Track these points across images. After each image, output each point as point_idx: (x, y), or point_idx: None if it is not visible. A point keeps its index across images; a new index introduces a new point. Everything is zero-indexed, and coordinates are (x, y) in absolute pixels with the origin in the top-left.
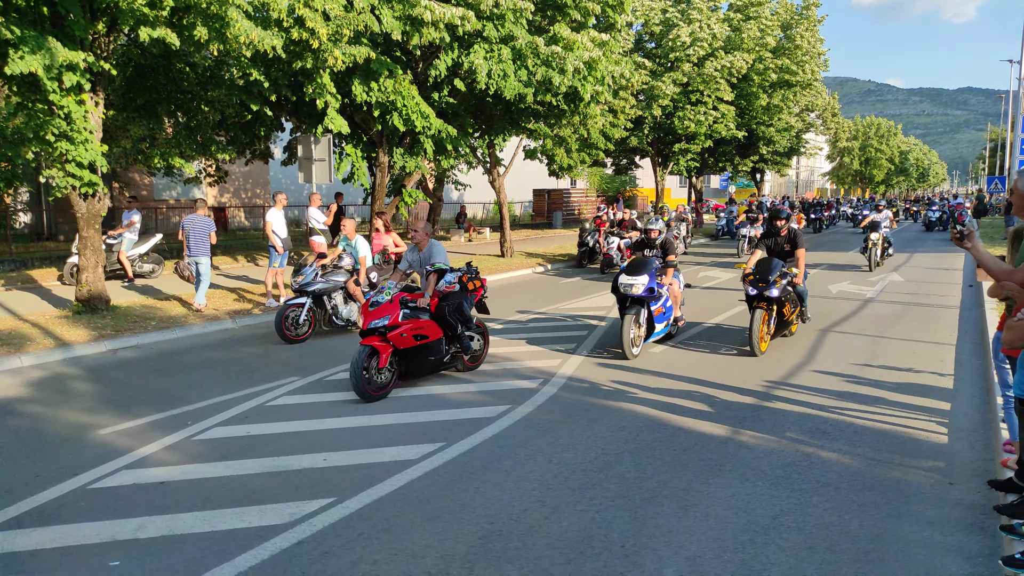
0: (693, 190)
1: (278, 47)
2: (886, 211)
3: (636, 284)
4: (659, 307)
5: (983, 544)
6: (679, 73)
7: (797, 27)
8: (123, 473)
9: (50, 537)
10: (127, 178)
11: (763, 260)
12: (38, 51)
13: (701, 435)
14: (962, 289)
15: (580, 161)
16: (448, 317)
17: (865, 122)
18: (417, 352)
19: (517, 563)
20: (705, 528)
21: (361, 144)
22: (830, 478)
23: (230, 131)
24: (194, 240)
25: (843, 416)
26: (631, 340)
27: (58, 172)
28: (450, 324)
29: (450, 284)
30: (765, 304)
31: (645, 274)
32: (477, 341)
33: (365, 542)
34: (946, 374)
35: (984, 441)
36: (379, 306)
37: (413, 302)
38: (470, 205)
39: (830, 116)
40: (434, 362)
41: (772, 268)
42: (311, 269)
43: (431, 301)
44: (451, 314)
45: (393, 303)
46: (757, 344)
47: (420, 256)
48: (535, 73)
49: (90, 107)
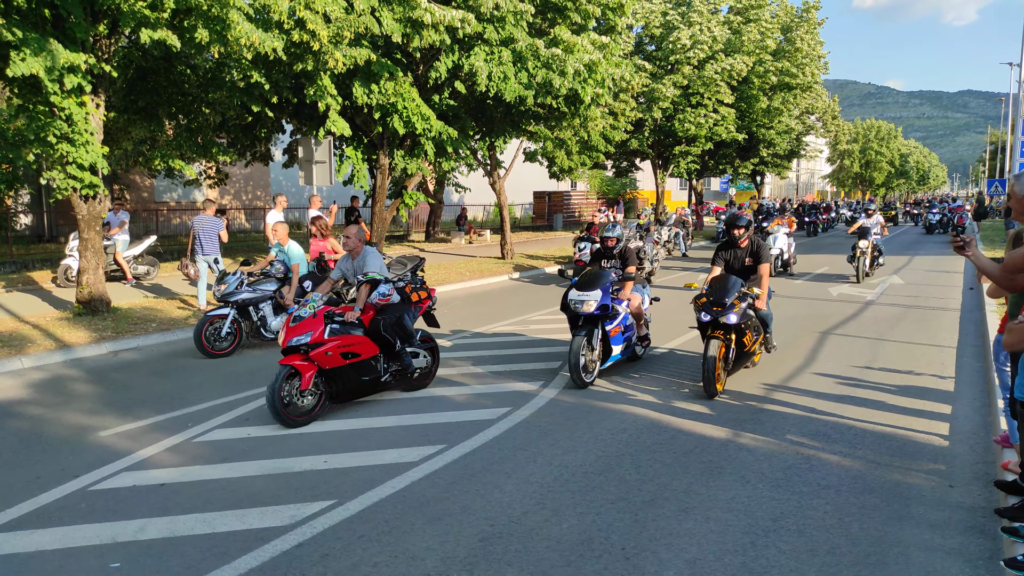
0: (693, 192)
1: (279, 49)
2: (877, 216)
3: (587, 301)
4: (616, 327)
5: (984, 546)
6: (679, 76)
7: (797, 30)
8: (124, 475)
9: (50, 539)
10: (128, 180)
11: (718, 278)
12: (40, 53)
13: (702, 437)
14: (963, 292)
15: (580, 163)
16: (383, 332)
17: (865, 125)
18: (347, 372)
19: (517, 565)
20: (706, 531)
21: (362, 146)
22: (831, 481)
23: (231, 133)
24: (204, 240)
25: (844, 419)
26: (582, 365)
27: (59, 174)
28: (386, 340)
29: (384, 296)
30: (722, 332)
31: (598, 289)
32: (423, 358)
33: (366, 544)
34: (947, 377)
35: (985, 444)
36: (301, 321)
37: (341, 316)
38: (471, 207)
39: (830, 119)
40: (369, 382)
41: (729, 288)
42: (234, 277)
43: (364, 314)
44: (387, 329)
45: (317, 318)
46: (712, 381)
47: (354, 265)
48: (535, 75)
49: (91, 109)
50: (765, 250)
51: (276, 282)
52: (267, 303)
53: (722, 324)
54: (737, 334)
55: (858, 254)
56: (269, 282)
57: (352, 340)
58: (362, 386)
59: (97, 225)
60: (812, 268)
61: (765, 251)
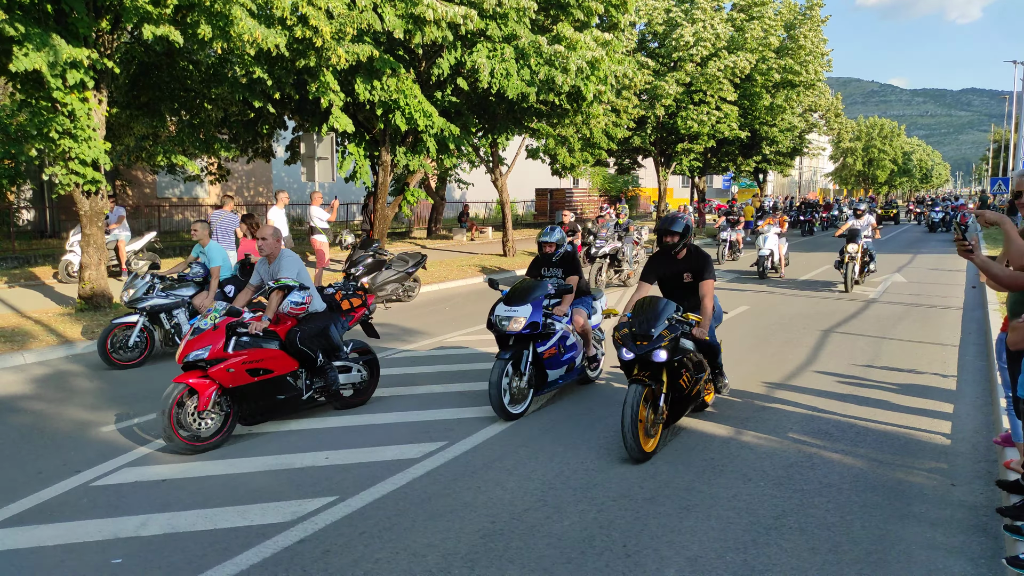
0: (696, 190)
1: (281, 45)
2: (867, 216)
3: (514, 317)
4: (550, 348)
5: (986, 545)
6: (682, 73)
7: (800, 27)
8: (125, 471)
9: (52, 534)
10: (129, 176)
11: (644, 302)
12: (42, 48)
13: (703, 435)
14: (965, 290)
15: (583, 161)
16: (300, 346)
17: (868, 123)
18: (257, 390)
19: (519, 562)
20: (707, 528)
21: (364, 143)
22: (832, 479)
23: (233, 129)
24: (221, 235)
25: (846, 417)
26: (509, 395)
27: (61, 170)
28: (305, 354)
29: (298, 304)
30: (649, 374)
31: (528, 304)
32: (357, 372)
33: (367, 540)
34: (949, 375)
35: (987, 443)
36: (200, 333)
37: (247, 327)
38: (473, 204)
39: (833, 116)
40: (287, 401)
41: (658, 314)
42: (143, 281)
43: (280, 325)
44: (304, 342)
45: (218, 330)
46: (635, 438)
47: (270, 269)
48: (538, 72)
49: (93, 104)
50: (707, 263)
51: (194, 287)
52: (182, 310)
53: (650, 364)
54: (671, 375)
55: (846, 260)
56: (186, 287)
57: (262, 355)
58: (277, 406)
59: (99, 221)
60: (804, 271)
61: (707, 264)
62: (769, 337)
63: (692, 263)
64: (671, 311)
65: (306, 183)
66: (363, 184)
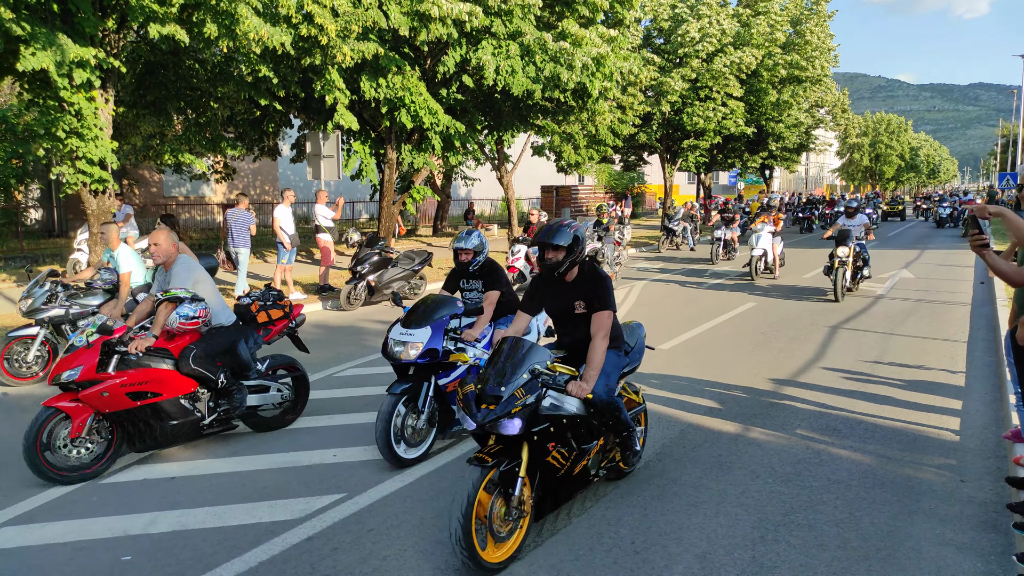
0: (702, 187)
1: (287, 43)
2: (861, 215)
3: (410, 343)
4: (455, 380)
5: (996, 541)
6: (688, 69)
7: (807, 22)
8: (134, 468)
9: (62, 532)
10: (136, 175)
11: (504, 345)
12: (49, 47)
13: (710, 432)
14: (973, 286)
15: (588, 157)
16: (193, 365)
17: (875, 118)
18: (142, 416)
19: (527, 560)
20: (715, 525)
21: (369, 141)
22: (841, 475)
23: (239, 127)
24: (236, 232)
25: (854, 414)
26: (403, 438)
27: (68, 169)
28: (201, 375)
29: (189, 319)
30: (502, 448)
31: (427, 326)
32: (277, 391)
33: (375, 538)
34: (958, 371)
35: (996, 439)
36: (74, 351)
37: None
38: (478, 201)
39: (840, 112)
40: (178, 427)
41: (517, 364)
42: (42, 290)
43: (175, 341)
44: (198, 361)
45: (92, 348)
46: (468, 534)
47: (166, 278)
48: (543, 69)
49: (100, 104)
50: (603, 288)
51: (103, 295)
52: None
53: (502, 437)
54: (534, 450)
55: (836, 265)
56: (93, 295)
57: (147, 376)
58: (169, 432)
59: (107, 219)
60: (803, 271)
61: (603, 289)
62: (775, 333)
63: (584, 288)
64: (538, 358)
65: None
66: (369, 182)
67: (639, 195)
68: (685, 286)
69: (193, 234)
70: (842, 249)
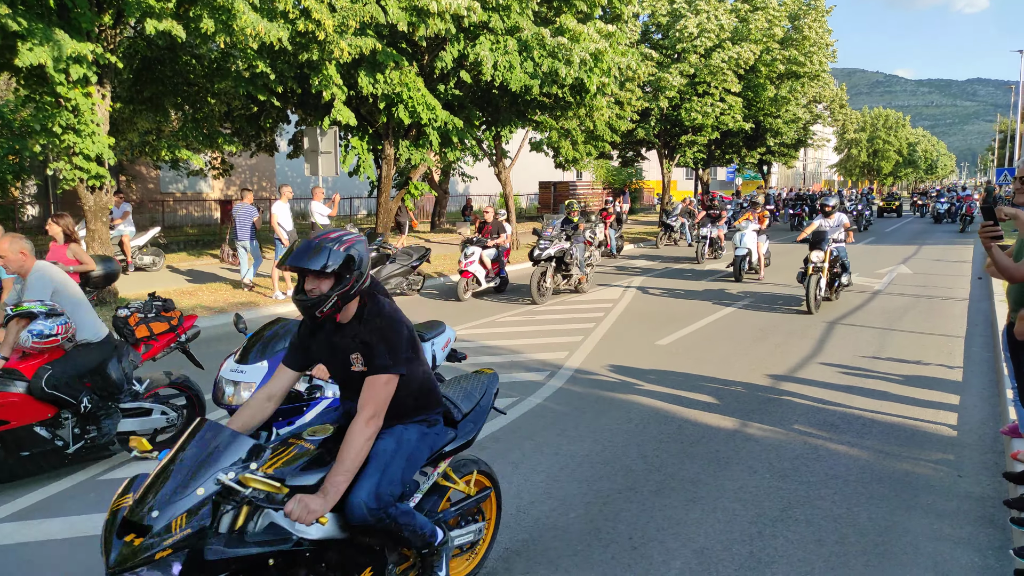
0: (700, 182)
1: (284, 39)
2: (839, 215)
3: (243, 383)
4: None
5: (993, 536)
6: (686, 64)
7: (805, 18)
8: (131, 465)
9: (59, 528)
10: (133, 171)
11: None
12: (46, 43)
13: (708, 427)
14: (971, 281)
15: (586, 153)
16: (45, 389)
17: (873, 113)
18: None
19: (524, 555)
20: (713, 520)
21: (366, 137)
22: (838, 471)
23: (236, 123)
24: (240, 226)
25: (851, 409)
26: None
27: (65, 165)
28: (58, 398)
29: (44, 337)
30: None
31: (265, 360)
32: (162, 414)
33: None
34: (955, 367)
35: (994, 434)
36: None
37: None
38: (476, 197)
39: (838, 107)
40: (33, 457)
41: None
42: None
43: (35, 360)
44: (51, 384)
45: None
46: None
47: (22, 287)
48: (541, 65)
49: (97, 99)
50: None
51: None
52: None
53: None
54: None
55: (809, 271)
56: None
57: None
58: (21, 464)
59: (104, 216)
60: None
61: (388, 339)
62: (772, 329)
63: (361, 336)
64: (237, 454)
65: (310, 177)
66: (366, 178)
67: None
68: (666, 278)
69: (190, 230)
70: (816, 253)
